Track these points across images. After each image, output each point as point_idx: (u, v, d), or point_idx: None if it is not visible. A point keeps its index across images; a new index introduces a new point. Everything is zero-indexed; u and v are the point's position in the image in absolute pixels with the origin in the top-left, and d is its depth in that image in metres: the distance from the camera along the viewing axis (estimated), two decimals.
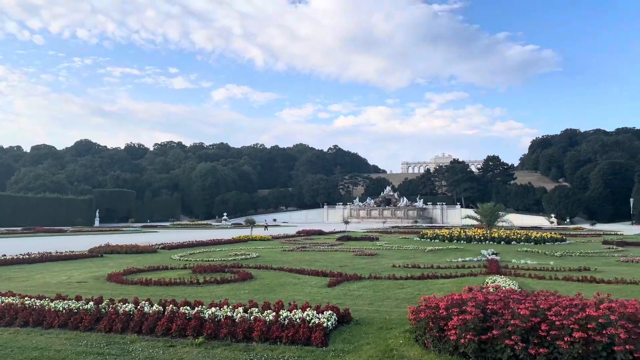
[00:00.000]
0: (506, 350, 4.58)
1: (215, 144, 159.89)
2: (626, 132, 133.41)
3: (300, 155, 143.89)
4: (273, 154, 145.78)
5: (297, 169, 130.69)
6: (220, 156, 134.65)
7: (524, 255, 17.57)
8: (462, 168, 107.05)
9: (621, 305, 4.98)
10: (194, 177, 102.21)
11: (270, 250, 20.29)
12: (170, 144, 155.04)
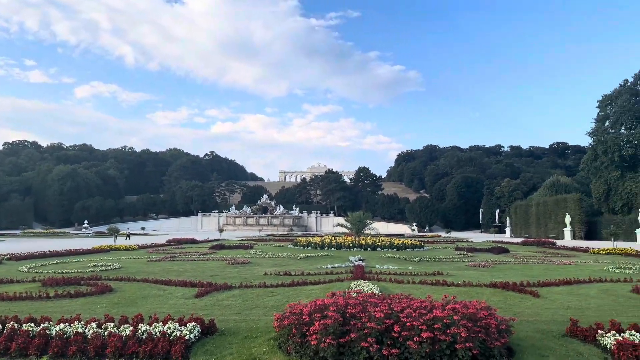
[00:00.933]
0: (362, 352, 4.79)
1: (76, 145, 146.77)
2: (478, 150, 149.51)
3: (174, 160, 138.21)
4: (144, 158, 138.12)
5: (170, 174, 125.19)
6: (83, 158, 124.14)
7: (387, 261, 18.69)
8: (336, 178, 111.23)
9: (464, 306, 5.50)
10: (51, 181, 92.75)
11: (135, 260, 19.11)
12: (23, 143, 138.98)
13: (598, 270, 15.38)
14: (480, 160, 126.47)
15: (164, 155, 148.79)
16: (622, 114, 57.38)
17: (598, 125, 60.95)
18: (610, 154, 56.35)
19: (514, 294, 10.15)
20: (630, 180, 54.57)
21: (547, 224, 60.48)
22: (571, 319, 6.46)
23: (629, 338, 5.32)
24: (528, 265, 17.71)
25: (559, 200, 58.87)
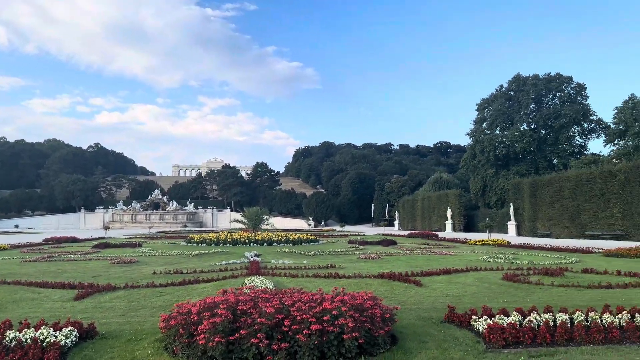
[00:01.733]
0: (252, 349, 4.75)
1: None
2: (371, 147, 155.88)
3: (53, 152, 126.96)
4: (17, 149, 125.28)
5: (49, 167, 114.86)
6: None
7: (282, 256, 18.80)
8: (233, 173, 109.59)
9: (352, 298, 5.68)
10: None
11: (6, 261, 17.28)
12: None
13: (474, 260, 16.76)
14: (373, 157, 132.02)
15: (41, 147, 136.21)
16: (497, 117, 63.03)
17: (476, 126, 66.42)
18: (486, 153, 61.72)
19: (399, 283, 10.72)
20: (503, 178, 60.20)
21: (431, 217, 64.74)
22: (449, 306, 6.96)
23: (498, 322, 5.84)
24: (413, 256, 18.82)
25: (441, 196, 63.26)
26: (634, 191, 33.04)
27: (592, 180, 36.96)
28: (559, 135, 60.08)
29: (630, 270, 12.55)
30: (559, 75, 61.33)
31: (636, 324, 5.89)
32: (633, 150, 51.24)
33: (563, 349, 5.25)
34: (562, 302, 8.19)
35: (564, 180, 40.20)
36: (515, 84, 63.42)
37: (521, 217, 45.64)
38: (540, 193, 42.89)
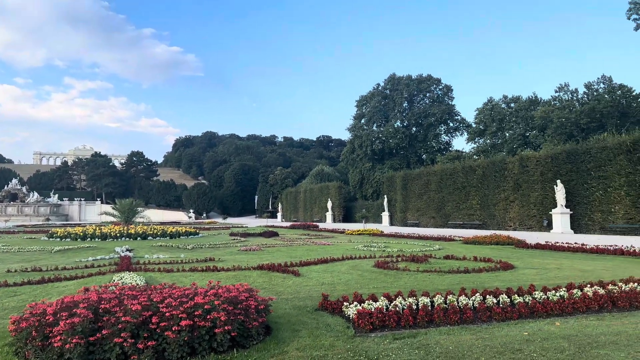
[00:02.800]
0: (115, 349, 4.44)
1: None
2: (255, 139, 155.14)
3: None
4: None
5: None
6: None
7: (158, 250, 17.96)
8: (105, 162, 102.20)
9: (226, 290, 5.57)
10: None
11: None
12: None
13: (350, 249, 17.48)
14: (257, 149, 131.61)
15: None
16: (374, 114, 66.33)
17: (356, 122, 69.32)
18: (364, 148, 64.70)
19: (278, 274, 10.80)
20: (378, 171, 63.57)
21: (312, 208, 66.33)
22: (323, 294, 7.15)
23: (366, 307, 6.13)
24: (293, 247, 19.12)
25: (322, 188, 65.11)
26: (491, 185, 36.86)
27: (455, 174, 40.54)
28: (428, 132, 64.92)
29: (485, 256, 13.97)
30: (429, 77, 66.22)
31: (487, 305, 6.55)
32: (490, 147, 57.15)
33: (424, 330, 5.66)
34: (426, 286, 8.85)
35: (431, 174, 43.58)
36: (391, 83, 67.22)
37: (394, 208, 48.60)
38: (410, 186, 46.03)
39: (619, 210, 27.67)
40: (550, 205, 31.44)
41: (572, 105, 48.33)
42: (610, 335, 5.40)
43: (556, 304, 6.62)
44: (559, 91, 51.91)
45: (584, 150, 30.27)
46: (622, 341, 5.14)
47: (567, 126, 45.57)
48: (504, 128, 57.41)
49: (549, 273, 10.98)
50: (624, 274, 9.93)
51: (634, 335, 5.39)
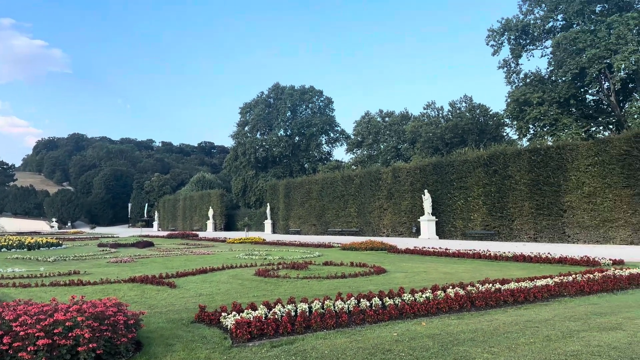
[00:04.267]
0: None
1: None
2: (129, 143, 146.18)
3: None
4: None
5: None
6: None
7: (13, 263, 16.06)
8: None
9: (92, 306, 5.13)
10: None
11: None
12: None
13: (231, 258, 17.19)
14: (132, 154, 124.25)
15: None
16: (258, 122, 66.36)
17: (239, 129, 68.72)
18: (247, 156, 64.36)
19: (152, 286, 10.24)
20: (262, 179, 63.59)
21: (192, 217, 64.23)
22: (200, 305, 6.92)
23: (245, 316, 6.05)
24: (170, 257, 18.30)
25: (203, 195, 63.40)
26: (367, 193, 38.73)
27: (335, 183, 41.98)
28: (310, 142, 66.51)
29: (361, 262, 14.61)
30: (312, 88, 68.01)
31: (361, 308, 6.83)
32: (367, 158, 60.15)
33: (301, 336, 5.73)
34: (305, 292, 8.99)
35: (313, 182, 44.65)
36: (275, 92, 67.84)
37: (277, 216, 48.89)
38: (293, 194, 46.69)
39: (477, 217, 30.70)
40: (418, 213, 33.87)
41: (438, 121, 52.78)
42: (468, 332, 5.92)
43: (422, 305, 7.11)
44: (427, 108, 56.42)
45: (448, 163, 33.15)
46: (479, 337, 5.66)
47: (433, 140, 49.61)
48: (379, 140, 60.86)
49: (416, 276, 11.79)
50: (481, 275, 11.00)
51: (489, 331, 5.97)
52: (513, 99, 38.60)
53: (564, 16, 37.45)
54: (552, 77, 38.39)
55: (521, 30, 39.47)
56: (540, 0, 38.15)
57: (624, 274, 9.96)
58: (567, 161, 26.51)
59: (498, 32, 40.49)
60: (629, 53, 31.04)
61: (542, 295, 8.19)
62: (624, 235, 24.06)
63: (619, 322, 6.32)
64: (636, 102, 34.88)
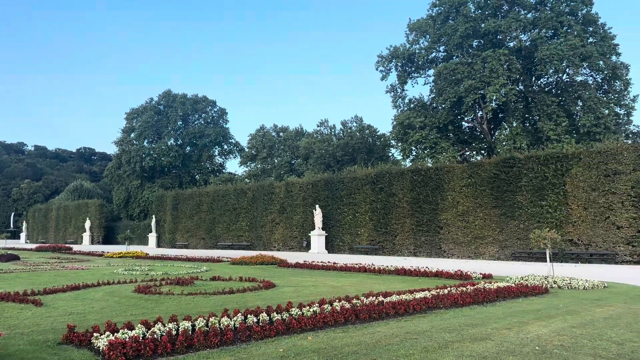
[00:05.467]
0: None
1: None
2: None
3: None
4: None
5: None
6: None
7: None
8: None
9: None
10: None
11: None
12: None
13: (108, 274, 15.99)
14: None
15: None
16: (146, 129, 63.20)
17: (124, 135, 64.84)
18: (132, 164, 60.88)
19: (14, 304, 9.16)
20: (147, 190, 60.45)
21: (67, 228, 59.12)
22: (68, 325, 6.28)
23: (120, 337, 5.59)
24: (38, 272, 16.56)
25: (80, 205, 58.72)
26: (259, 207, 38.50)
27: (227, 196, 41.20)
28: (202, 153, 64.77)
29: (250, 276, 14.37)
30: (205, 98, 66.45)
31: (247, 324, 6.66)
32: (261, 172, 60.00)
33: (182, 357, 5.43)
34: (189, 309, 8.59)
35: (204, 195, 43.42)
36: (166, 99, 65.25)
37: (162, 229, 46.69)
38: (181, 206, 44.96)
39: (364, 232, 31.89)
40: (309, 227, 34.36)
41: (331, 139, 54.36)
42: (352, 345, 6.02)
43: (310, 319, 7.13)
44: (320, 126, 57.88)
45: (339, 180, 34.16)
46: (362, 350, 5.78)
47: (326, 157, 50.91)
48: (273, 154, 61.04)
49: (305, 290, 11.86)
50: (366, 288, 11.35)
51: (371, 344, 6.12)
52: (398, 122, 40.95)
53: (446, 48, 40.72)
54: (433, 103, 41.41)
55: (407, 58, 42.18)
56: (425, 32, 41.13)
57: (493, 287, 10.87)
58: (444, 182, 28.62)
59: (387, 58, 42.86)
60: (500, 86, 34.53)
61: (421, 307, 8.64)
62: (492, 251, 26.44)
63: (488, 333, 6.84)
64: (505, 130, 38.83)
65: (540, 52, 34.55)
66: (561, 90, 37.57)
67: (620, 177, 22.96)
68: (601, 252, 23.04)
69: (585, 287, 12.04)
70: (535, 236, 14.55)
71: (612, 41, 36.43)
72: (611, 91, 37.01)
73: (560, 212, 24.32)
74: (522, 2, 37.69)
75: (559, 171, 24.70)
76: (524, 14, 37.96)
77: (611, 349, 5.88)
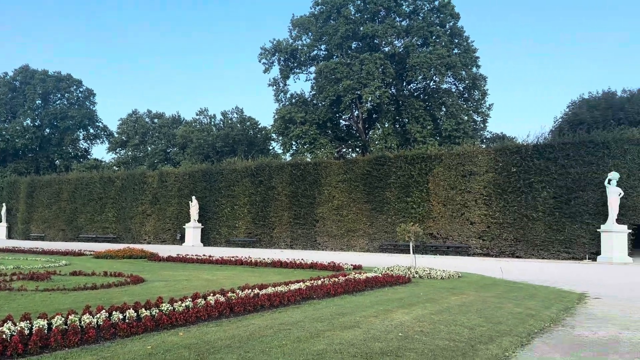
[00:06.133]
0: None
1: None
2: None
3: None
4: None
5: None
6: None
7: None
8: None
9: None
10: None
11: None
12: None
13: None
14: None
15: None
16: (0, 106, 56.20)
17: None
18: None
19: None
20: None
21: None
22: None
23: None
24: None
25: None
26: (129, 197, 36.25)
27: (92, 184, 38.19)
28: (63, 136, 59.20)
29: (116, 271, 13.47)
30: (69, 76, 60.68)
31: (112, 322, 6.23)
32: (132, 159, 56.50)
33: (35, 357, 4.92)
34: (46, 306, 7.82)
35: (65, 182, 39.78)
36: (22, 75, 58.48)
37: (15, 219, 41.94)
38: (38, 194, 40.74)
39: (242, 225, 31.67)
40: (184, 219, 33.22)
41: (210, 129, 52.98)
42: (226, 339, 5.94)
43: (181, 314, 6.88)
44: (200, 115, 56.08)
45: (218, 171, 33.48)
46: (235, 344, 5.72)
47: (204, 147, 49.52)
48: (146, 142, 57.79)
49: (178, 284, 11.44)
50: (242, 281, 11.28)
51: (245, 336, 6.10)
52: (280, 116, 41.27)
53: (327, 47, 41.88)
54: (314, 100, 42.41)
55: (290, 53, 42.61)
56: (308, 29, 41.88)
57: (362, 278, 11.47)
58: (322, 177, 29.51)
59: (270, 51, 42.87)
60: (375, 88, 36.43)
61: (296, 298, 8.81)
62: (362, 243, 27.88)
63: (357, 321, 7.19)
64: (378, 130, 41.08)
65: (411, 58, 37.08)
66: (428, 96, 40.73)
67: (475, 178, 25.59)
68: (457, 245, 25.51)
69: (442, 277, 13.23)
70: (401, 230, 15.64)
71: (474, 54, 40.29)
72: (470, 99, 41.03)
73: (423, 208, 26.43)
74: (397, 9, 40.07)
75: (423, 170, 26.80)
76: (399, 21, 40.39)
77: (463, 334, 6.52)
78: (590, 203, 22.96)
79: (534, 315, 8.05)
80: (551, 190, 23.83)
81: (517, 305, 8.97)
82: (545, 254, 23.65)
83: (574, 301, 9.89)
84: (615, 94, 36.58)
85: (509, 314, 8.03)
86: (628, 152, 22.74)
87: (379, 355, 5.26)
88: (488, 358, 5.33)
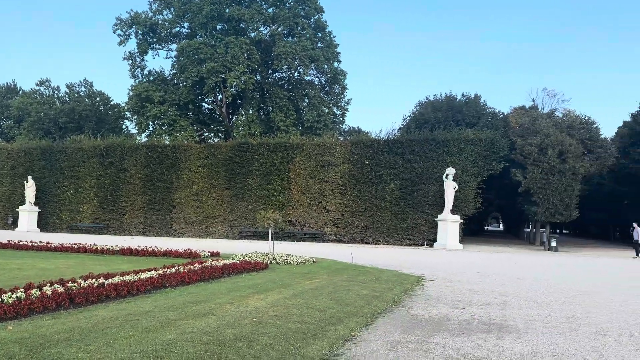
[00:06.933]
0: None
1: None
2: None
3: None
4: None
5: None
6: None
7: None
8: None
9: None
10: None
11: None
12: None
13: None
14: None
15: None
16: None
17: None
18: None
19: None
20: None
21: None
22: None
23: None
24: None
25: None
26: None
27: None
28: None
29: None
30: None
31: None
32: None
33: None
34: None
35: None
36: None
37: None
38: None
39: (87, 209, 29.12)
40: (18, 202, 29.56)
41: (53, 102, 47.60)
42: (64, 332, 5.42)
43: (11, 306, 6.13)
44: (40, 85, 50.01)
45: (60, 149, 30.29)
46: (75, 337, 5.25)
47: (45, 122, 44.39)
48: None
49: (8, 273, 10.16)
50: (85, 270, 10.38)
51: (87, 329, 5.63)
52: (135, 94, 38.59)
53: (190, 25, 40.09)
54: (174, 79, 40.40)
55: (149, 27, 39.97)
56: (170, 4, 39.68)
57: (219, 265, 11.31)
58: (181, 161, 28.40)
59: (127, 23, 39.77)
60: (240, 73, 35.92)
61: (146, 287, 8.38)
62: (222, 230, 27.51)
63: (211, 309, 7.08)
64: (242, 116, 40.62)
65: (277, 47, 37.29)
66: (292, 86, 41.40)
67: (332, 168, 26.75)
68: (313, 232, 26.50)
69: (298, 262, 13.64)
70: (260, 216, 15.75)
71: (336, 49, 41.86)
72: (331, 93, 42.65)
73: (283, 196, 26.94)
74: None
75: (285, 159, 27.27)
76: (266, 7, 40.26)
77: (315, 316, 6.80)
78: (430, 195, 25.50)
79: (378, 296, 8.70)
80: (398, 182, 25.94)
81: (364, 288, 9.62)
82: (390, 240, 25.73)
83: (413, 283, 10.90)
84: (455, 98, 40.79)
85: (357, 296, 8.58)
86: (463, 150, 25.65)
87: (232, 342, 5.24)
88: (336, 338, 5.63)
